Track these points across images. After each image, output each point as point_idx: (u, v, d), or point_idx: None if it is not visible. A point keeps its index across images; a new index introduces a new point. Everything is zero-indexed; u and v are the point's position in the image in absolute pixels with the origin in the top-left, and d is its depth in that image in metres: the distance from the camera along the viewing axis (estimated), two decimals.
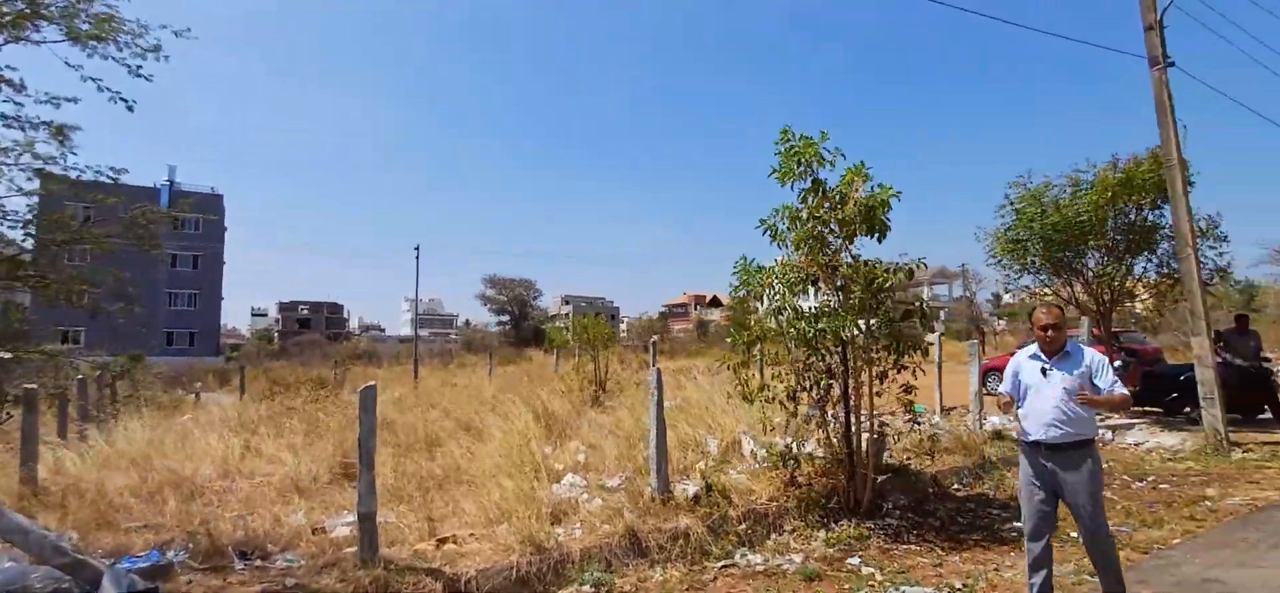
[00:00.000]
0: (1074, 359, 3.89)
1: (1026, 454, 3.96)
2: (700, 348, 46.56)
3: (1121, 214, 10.74)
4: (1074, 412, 3.78)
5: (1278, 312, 31.74)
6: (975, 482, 7.83)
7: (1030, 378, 3.97)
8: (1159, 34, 9.95)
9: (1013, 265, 12.36)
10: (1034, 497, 3.90)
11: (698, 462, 7.66)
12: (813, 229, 6.14)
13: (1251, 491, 6.84)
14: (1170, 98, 9.75)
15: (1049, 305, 4.12)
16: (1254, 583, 4.36)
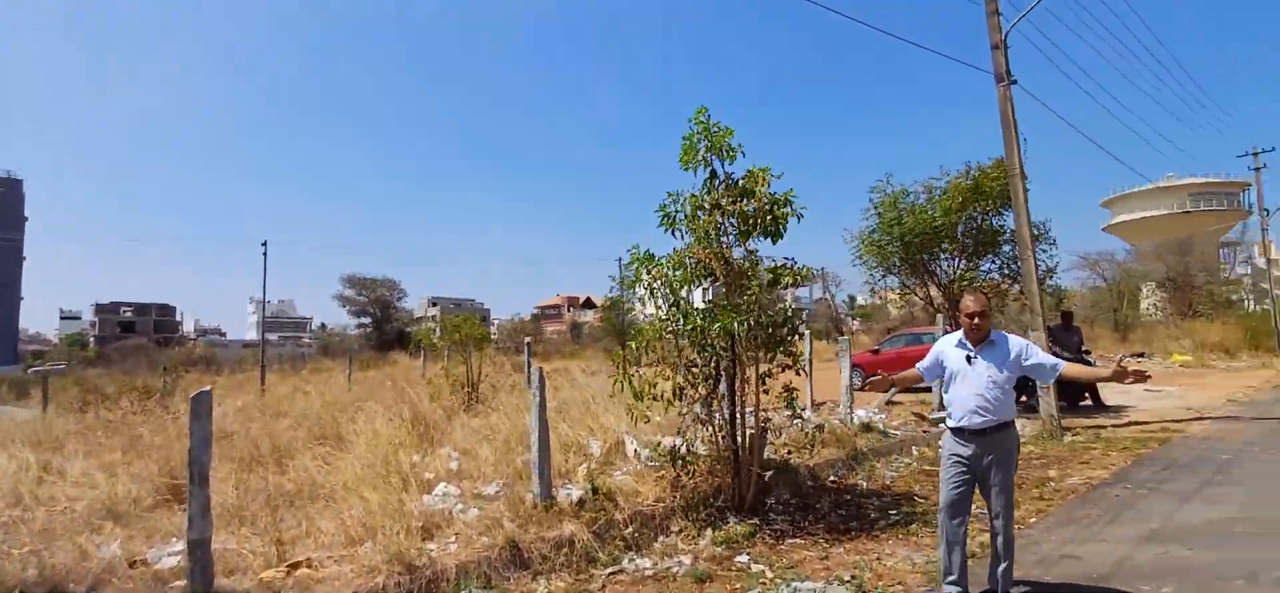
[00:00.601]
0: (1000, 348, 3.99)
1: (950, 437, 4.05)
2: (575, 349, 46.25)
3: (971, 219, 11.70)
4: (997, 398, 3.87)
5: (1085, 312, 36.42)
6: (849, 473, 8.12)
7: (955, 365, 4.03)
8: (1004, 53, 10.94)
9: (876, 266, 13.16)
10: (955, 479, 3.99)
11: (580, 465, 7.38)
12: (713, 219, 6.07)
13: (1084, 471, 7.58)
14: (1013, 112, 10.75)
15: (977, 294, 4.22)
16: (1102, 556, 4.75)
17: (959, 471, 3.97)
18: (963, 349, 4.03)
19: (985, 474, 3.93)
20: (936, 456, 9.13)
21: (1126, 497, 6.31)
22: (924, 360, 4.35)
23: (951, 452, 4.02)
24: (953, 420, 4.02)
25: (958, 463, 3.98)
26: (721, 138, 6.23)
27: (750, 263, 6.35)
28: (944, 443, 4.11)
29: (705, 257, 6.32)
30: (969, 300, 4.05)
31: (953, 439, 4.03)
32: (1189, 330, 29.03)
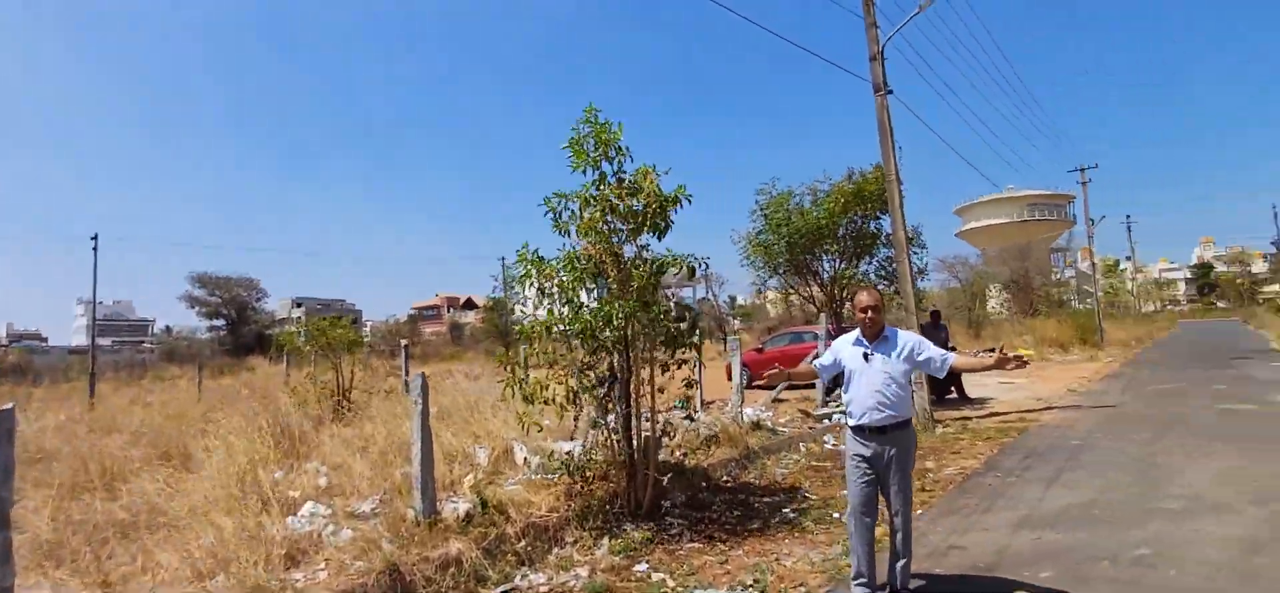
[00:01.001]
0: (892, 343, 4.04)
1: (852, 436, 4.04)
2: (456, 351, 44.71)
3: (852, 222, 12.26)
4: (896, 394, 3.93)
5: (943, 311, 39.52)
6: (741, 472, 8.17)
7: (853, 363, 4.04)
8: (881, 64, 11.52)
9: (763, 266, 13.51)
10: (861, 477, 3.99)
11: (466, 476, 6.95)
12: (601, 216, 5.88)
13: (957, 461, 8.06)
14: (890, 121, 11.35)
15: (870, 289, 4.24)
16: (985, 546, 4.98)
17: (863, 470, 3.99)
18: (859, 347, 4.05)
19: (886, 472, 3.97)
20: (823, 452, 9.53)
21: (998, 485, 6.73)
22: (822, 359, 4.39)
23: (854, 452, 4.03)
24: (853, 419, 4.03)
25: (861, 462, 4.00)
26: (610, 136, 6.06)
27: (640, 260, 6.23)
28: (847, 443, 4.12)
29: (597, 254, 6.13)
30: (863, 295, 4.09)
31: (854, 439, 4.04)
32: (1031, 327, 32.33)
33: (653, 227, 6.13)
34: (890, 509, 4.06)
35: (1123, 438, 8.67)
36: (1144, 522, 5.27)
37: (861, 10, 11.78)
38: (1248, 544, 4.67)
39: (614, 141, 6.09)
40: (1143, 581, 4.18)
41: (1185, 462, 7.13)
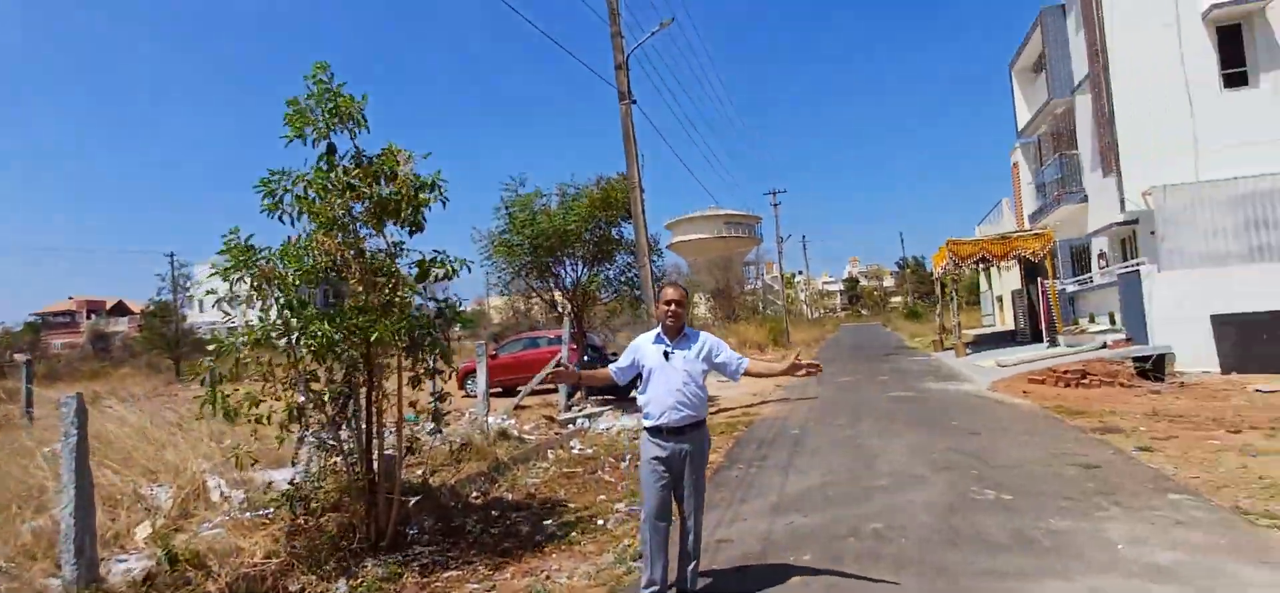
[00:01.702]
0: (691, 341, 3.95)
1: (651, 438, 3.86)
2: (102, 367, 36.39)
3: (597, 227, 12.41)
4: (695, 394, 3.85)
5: None
6: (491, 486, 7.64)
7: (653, 362, 3.89)
8: (625, 73, 11.89)
9: (506, 266, 13.03)
10: (658, 480, 3.82)
11: (140, 524, 5.37)
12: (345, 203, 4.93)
13: None
14: (633, 129, 11.74)
15: (675, 283, 4.09)
16: (749, 535, 5.19)
17: (660, 473, 3.84)
18: (660, 345, 3.92)
19: (681, 473, 3.87)
20: (572, 457, 9.39)
21: (743, 477, 7.18)
22: (619, 361, 4.13)
23: (651, 456, 3.85)
24: (650, 420, 3.87)
25: (657, 465, 3.84)
26: (348, 105, 5.13)
27: (389, 256, 5.40)
28: (643, 447, 3.93)
29: (335, 249, 5.14)
30: (669, 289, 3.96)
31: (650, 441, 3.88)
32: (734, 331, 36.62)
33: (405, 220, 5.34)
34: (683, 512, 3.96)
35: (830, 425, 9.99)
36: (868, 497, 5.99)
37: (608, 19, 12.04)
38: (945, 508, 5.52)
39: (352, 112, 5.15)
40: (882, 551, 4.66)
41: (882, 443, 8.39)
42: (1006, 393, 12.57)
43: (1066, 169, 19.68)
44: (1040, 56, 20.48)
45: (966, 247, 20.94)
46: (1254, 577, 3.93)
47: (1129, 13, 14.49)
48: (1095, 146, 16.72)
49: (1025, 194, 24.04)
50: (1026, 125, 22.34)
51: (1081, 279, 18.86)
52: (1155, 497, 5.56)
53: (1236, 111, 13.86)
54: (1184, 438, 7.82)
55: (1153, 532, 4.74)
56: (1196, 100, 14.03)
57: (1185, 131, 14.02)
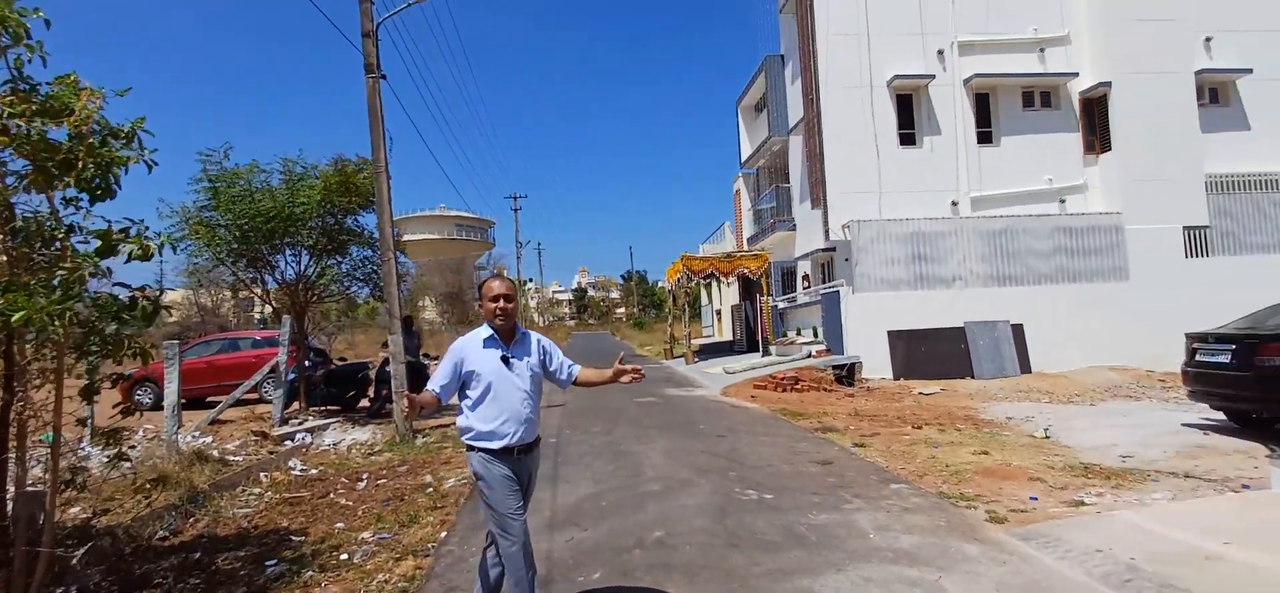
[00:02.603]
0: (526, 344, 3.42)
1: (496, 461, 3.23)
2: None
3: (331, 214, 10.86)
4: (535, 404, 3.37)
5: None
6: (186, 522, 6.13)
7: (491, 371, 3.25)
8: (374, 43, 10.61)
9: (204, 250, 10.76)
10: (512, 506, 3.24)
11: None
12: None
13: (454, 472, 7.78)
14: (381, 106, 10.51)
15: (502, 276, 3.51)
16: None
17: (514, 496, 3.27)
18: (495, 349, 3.31)
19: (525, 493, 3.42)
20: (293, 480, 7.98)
21: None
22: (439, 375, 3.33)
23: (503, 478, 3.25)
24: (495, 441, 3.24)
25: (512, 482, 3.28)
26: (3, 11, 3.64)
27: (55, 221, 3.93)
28: (487, 470, 3.25)
29: None
30: (496, 283, 3.36)
31: (499, 463, 3.25)
32: None
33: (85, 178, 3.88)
34: None
35: (587, 432, 9.89)
36: (643, 505, 5.91)
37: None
38: (717, 511, 5.66)
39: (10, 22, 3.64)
40: (672, 560, 4.56)
41: (642, 448, 8.49)
42: (738, 398, 13.76)
43: (780, 199, 22.50)
44: (763, 98, 23.19)
45: (699, 262, 22.83)
46: (972, 552, 4.56)
47: (835, 73, 17.05)
48: (805, 182, 19.33)
49: (745, 219, 27.05)
50: (749, 158, 25.15)
51: (790, 297, 21.66)
52: (882, 488, 6.32)
53: (908, 165, 17.11)
54: (884, 434, 9.17)
55: (891, 519, 5.32)
56: (882, 152, 17.00)
57: (873, 177, 16.90)
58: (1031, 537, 4.82)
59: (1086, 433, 8.90)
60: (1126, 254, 16.22)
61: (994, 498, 5.88)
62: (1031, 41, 17.31)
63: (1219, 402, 8.22)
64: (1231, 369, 7.70)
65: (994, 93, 17.39)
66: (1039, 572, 4.19)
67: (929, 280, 15.97)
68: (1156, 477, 6.44)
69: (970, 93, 17.23)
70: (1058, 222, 16.38)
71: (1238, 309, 11.41)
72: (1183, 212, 16.56)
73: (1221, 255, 16.67)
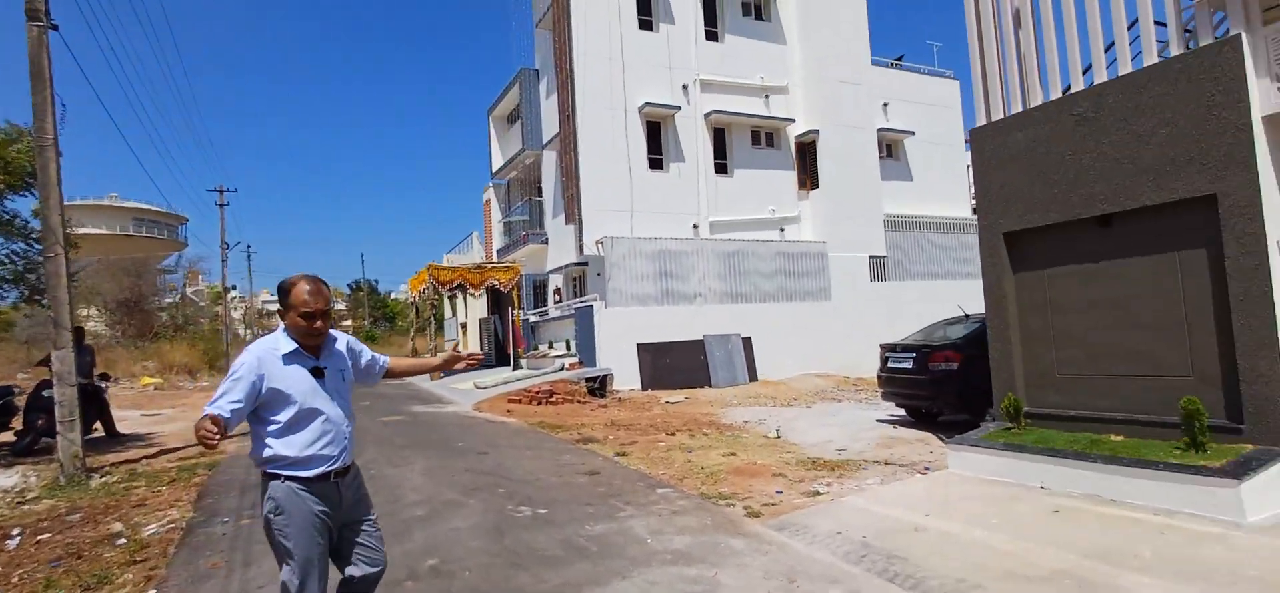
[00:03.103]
0: (332, 348, 2.97)
1: (308, 493, 2.73)
2: None
3: None
4: (351, 419, 2.92)
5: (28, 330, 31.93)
6: None
7: (302, 388, 2.75)
8: None
9: None
10: (315, 551, 2.75)
11: None
12: None
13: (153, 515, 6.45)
14: (50, 64, 8.41)
15: (317, 281, 2.83)
16: None
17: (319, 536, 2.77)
18: (301, 363, 2.80)
19: (351, 524, 2.94)
20: None
21: (238, 530, 5.70)
22: (230, 393, 2.62)
23: (312, 514, 2.74)
24: (311, 469, 2.74)
25: (323, 519, 2.78)
26: None
27: None
28: (297, 503, 2.72)
29: None
30: (307, 293, 2.78)
31: (308, 495, 2.74)
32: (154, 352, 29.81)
33: None
34: (365, 571, 2.97)
35: None
36: (409, 532, 5.42)
37: None
38: (492, 530, 5.41)
39: None
40: (451, 588, 4.24)
41: (398, 470, 7.82)
42: (493, 412, 13.43)
43: (533, 212, 22.63)
44: (516, 109, 23.19)
45: (447, 273, 21.94)
46: (738, 546, 4.94)
47: (591, 93, 17.72)
48: (559, 197, 19.69)
49: (495, 230, 26.70)
50: (500, 168, 24.91)
51: (542, 310, 21.82)
52: (649, 493, 6.59)
53: (656, 187, 18.37)
54: (641, 443, 9.60)
55: (663, 523, 5.55)
56: (634, 173, 18.03)
57: (626, 196, 17.83)
58: (784, 527, 5.37)
59: (808, 432, 10.23)
60: (830, 277, 19.18)
61: (747, 495, 6.45)
62: (759, 88, 19.72)
63: (904, 400, 10.01)
64: (913, 373, 9.43)
65: (729, 129, 19.45)
66: (794, 558, 4.67)
67: (674, 296, 17.22)
68: (866, 465, 7.62)
69: (709, 127, 19.07)
70: (778, 247, 18.79)
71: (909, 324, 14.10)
72: (869, 243, 20.09)
73: (895, 280, 20.56)
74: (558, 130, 18.99)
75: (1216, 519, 4.63)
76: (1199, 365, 5.39)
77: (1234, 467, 4.74)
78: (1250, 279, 5.01)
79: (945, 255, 21.93)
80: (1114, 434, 5.81)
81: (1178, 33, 5.50)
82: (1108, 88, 5.85)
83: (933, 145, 22.88)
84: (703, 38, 19.36)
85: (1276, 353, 4.91)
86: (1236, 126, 5.02)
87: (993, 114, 6.87)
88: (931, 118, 22.90)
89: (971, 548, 4.61)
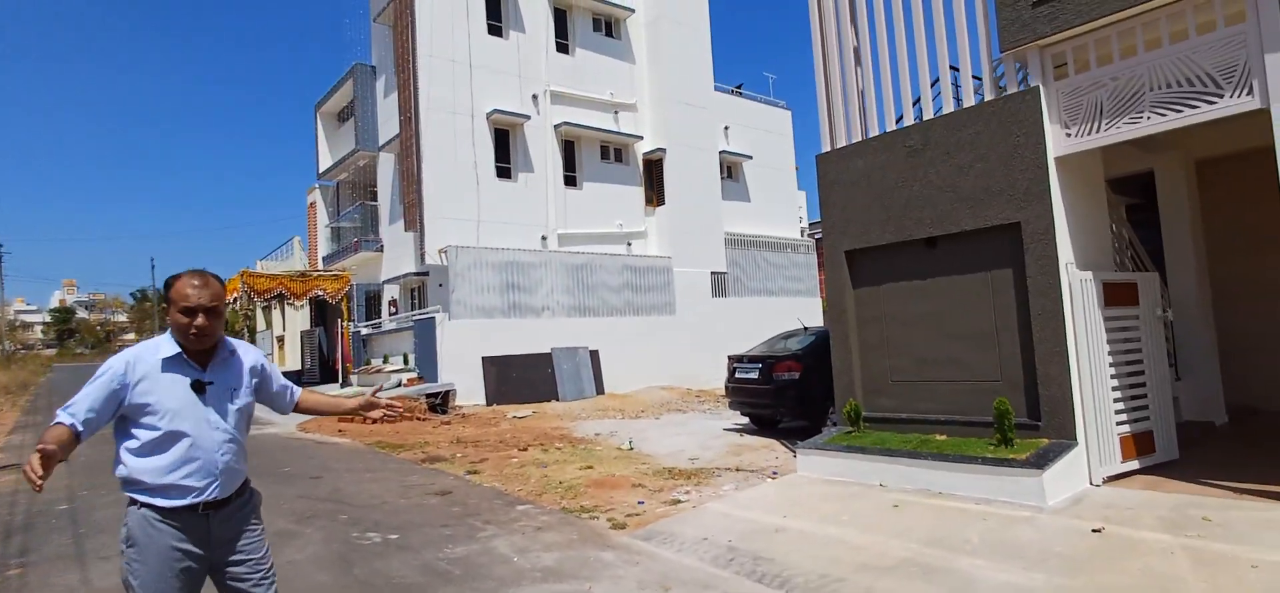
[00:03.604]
0: (230, 365, 2.55)
1: (166, 526, 2.33)
2: None
3: None
4: (241, 446, 2.53)
5: None
6: None
7: (175, 402, 2.36)
8: None
9: None
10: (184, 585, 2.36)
11: None
12: None
13: None
14: None
15: (204, 274, 2.46)
16: None
17: (188, 572, 2.37)
18: (182, 374, 2.42)
19: (230, 562, 2.49)
20: None
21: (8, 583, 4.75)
22: (85, 399, 2.27)
23: (169, 548, 2.32)
24: (172, 499, 2.34)
25: (185, 560, 2.35)
26: None
27: None
28: (150, 535, 2.31)
29: None
30: (191, 287, 2.40)
31: (167, 526, 2.33)
32: None
33: None
34: None
35: None
36: None
37: None
38: (339, 561, 4.96)
39: None
40: None
41: None
42: (322, 432, 12.38)
43: (366, 218, 21.25)
44: (349, 106, 21.71)
45: (265, 280, 19.99)
46: (608, 558, 4.91)
47: (436, 96, 16.98)
48: (397, 202, 18.66)
49: (321, 235, 24.73)
50: (329, 169, 23.16)
51: (376, 323, 20.49)
52: (509, 510, 6.38)
53: (504, 197, 17.94)
54: (493, 459, 9.29)
55: (528, 541, 5.39)
56: (481, 181, 17.48)
57: (472, 204, 17.24)
58: (651, 536, 5.42)
59: (660, 442, 10.45)
60: (674, 291, 19.80)
61: (609, 507, 6.44)
62: (609, 103, 20.02)
63: (750, 408, 10.53)
64: (758, 383, 9.96)
65: (578, 142, 19.53)
66: (665, 566, 4.72)
67: (521, 309, 16.91)
68: (720, 472, 7.90)
69: (559, 138, 19.02)
70: (626, 261, 19.11)
71: (748, 337, 14.89)
72: (711, 259, 21.02)
73: (735, 296, 21.67)
74: (398, 132, 18.02)
75: (1024, 505, 5.31)
76: (1006, 371, 6.19)
77: (1036, 458, 5.47)
78: (1046, 296, 5.83)
79: (779, 273, 23.50)
80: (939, 434, 6.49)
81: (991, 80, 6.33)
82: (934, 124, 6.59)
83: (768, 169, 24.48)
84: (554, 49, 19.31)
85: (1065, 360, 5.75)
86: (1036, 164, 5.86)
87: (837, 142, 7.47)
88: (767, 144, 24.51)
89: (828, 545, 4.92)
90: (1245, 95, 4.92)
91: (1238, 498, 5.17)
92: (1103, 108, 5.60)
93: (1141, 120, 5.40)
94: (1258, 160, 8.18)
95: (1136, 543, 4.45)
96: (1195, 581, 3.82)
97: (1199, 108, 5.12)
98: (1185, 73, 5.17)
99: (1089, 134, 5.69)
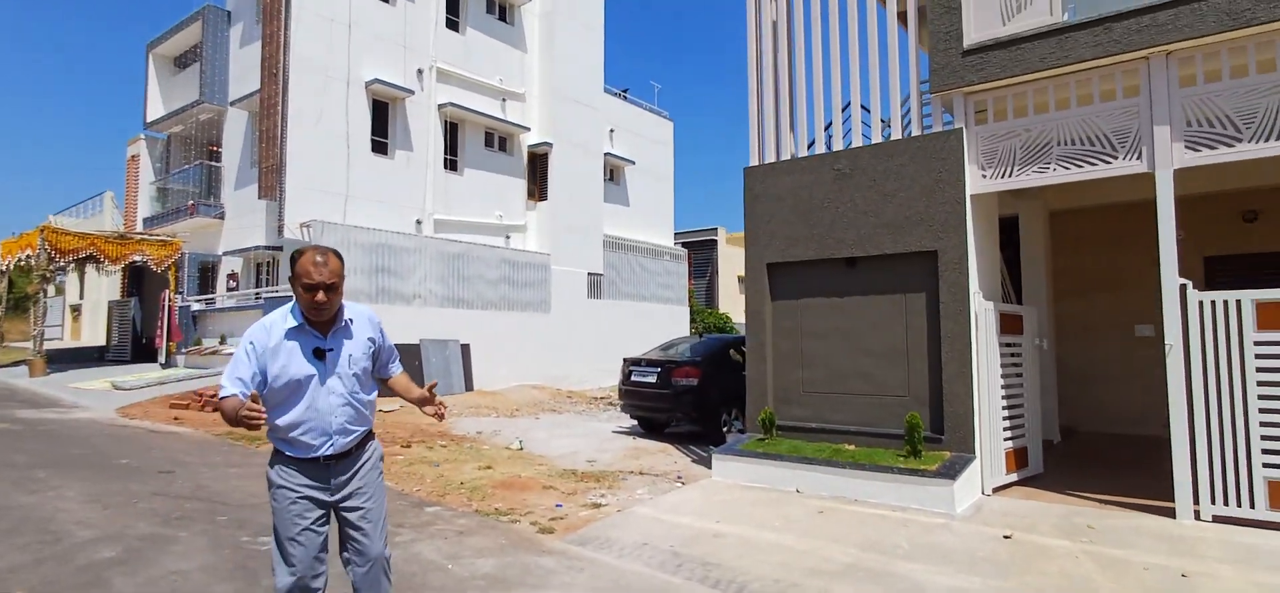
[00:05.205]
0: (348, 331, 2.78)
1: (293, 471, 2.68)
2: None
3: None
4: (358, 407, 2.78)
5: None
6: None
7: (298, 367, 2.64)
8: None
9: None
10: (295, 528, 2.64)
11: None
12: None
13: None
14: None
15: (326, 251, 2.66)
16: None
17: (314, 517, 2.69)
18: (307, 339, 2.68)
19: (347, 508, 2.79)
20: None
21: None
22: (235, 366, 2.60)
23: (298, 496, 2.67)
24: (303, 451, 2.67)
25: (309, 506, 2.68)
26: None
27: None
28: (283, 478, 2.68)
29: None
30: (313, 266, 2.59)
31: (299, 474, 2.68)
32: None
33: None
34: (361, 559, 2.82)
35: None
36: (108, 581, 4.06)
37: None
38: (240, 571, 4.32)
39: None
40: None
41: (39, 497, 5.82)
42: (154, 421, 10.85)
43: (206, 179, 18.96)
44: (193, 51, 19.30)
45: (72, 240, 17.24)
46: (549, 564, 4.68)
47: (308, 55, 15.47)
48: (249, 166, 16.83)
49: (144, 193, 21.69)
50: (160, 119, 20.41)
51: (208, 297, 18.30)
52: (418, 513, 5.91)
53: (378, 173, 16.70)
54: None
55: (453, 546, 5.01)
56: (354, 154, 16.15)
57: (341, 178, 15.87)
58: (586, 542, 5.22)
59: (549, 443, 10.17)
60: (551, 289, 19.44)
61: (526, 510, 6.15)
62: (497, 90, 19.32)
63: (645, 412, 10.54)
64: (656, 387, 10.00)
65: (463, 125, 18.66)
66: (614, 573, 4.56)
67: (390, 295, 15.83)
68: (625, 476, 7.82)
69: (443, 119, 18.08)
70: (504, 254, 18.49)
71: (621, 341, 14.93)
72: (588, 260, 20.89)
73: (609, 298, 21.66)
74: (258, 89, 16.25)
75: (936, 513, 5.72)
76: (914, 387, 6.65)
77: (945, 468, 5.92)
78: (955, 320, 6.34)
79: (652, 279, 23.84)
80: (849, 444, 6.84)
81: (918, 116, 6.80)
82: (862, 151, 6.96)
83: (648, 176, 24.80)
84: (444, 24, 18.30)
85: (969, 380, 6.28)
86: (955, 199, 6.36)
87: (765, 157, 7.69)
88: (650, 151, 24.82)
89: (771, 550, 5.00)
90: (1135, 159, 5.65)
91: (1103, 508, 5.90)
92: (1016, 155, 6.20)
93: (1048, 171, 6.04)
94: (1097, 216, 9.47)
95: (1044, 549, 4.93)
96: (1104, 581, 4.28)
97: (1097, 165, 5.81)
98: (1088, 132, 5.85)
99: (1002, 177, 6.28)
